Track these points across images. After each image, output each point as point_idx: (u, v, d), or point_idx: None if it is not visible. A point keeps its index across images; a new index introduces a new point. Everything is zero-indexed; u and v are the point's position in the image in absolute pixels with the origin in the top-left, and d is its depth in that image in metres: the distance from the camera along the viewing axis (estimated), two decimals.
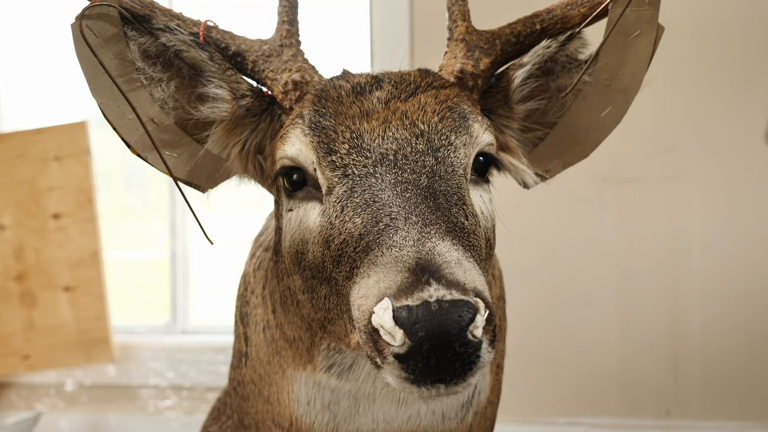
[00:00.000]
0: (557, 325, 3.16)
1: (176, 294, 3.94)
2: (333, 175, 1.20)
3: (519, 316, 2.19)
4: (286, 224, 1.31)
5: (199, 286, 4.04)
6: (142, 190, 4.30)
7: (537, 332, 3.15)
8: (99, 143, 3.91)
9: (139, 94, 1.37)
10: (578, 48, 1.44)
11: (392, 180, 1.15)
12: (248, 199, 3.82)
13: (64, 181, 3.80)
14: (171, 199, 3.92)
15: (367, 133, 1.21)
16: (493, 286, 1.51)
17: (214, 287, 4.08)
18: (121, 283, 4.16)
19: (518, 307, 2.11)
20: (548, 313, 3.15)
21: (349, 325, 1.18)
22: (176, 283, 3.95)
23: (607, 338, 3.12)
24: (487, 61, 1.43)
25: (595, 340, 3.13)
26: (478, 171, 1.30)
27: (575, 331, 3.15)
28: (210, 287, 4.08)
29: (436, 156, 1.19)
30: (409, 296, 0.96)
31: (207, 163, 1.45)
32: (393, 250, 1.04)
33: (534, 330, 3.14)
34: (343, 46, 3.73)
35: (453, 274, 0.99)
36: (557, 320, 3.15)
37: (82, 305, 3.77)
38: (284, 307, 1.40)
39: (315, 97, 1.32)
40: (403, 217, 1.08)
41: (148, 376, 3.73)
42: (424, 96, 1.28)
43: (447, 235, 1.07)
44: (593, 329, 3.14)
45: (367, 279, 1.04)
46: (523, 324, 2.98)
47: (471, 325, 0.94)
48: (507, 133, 1.47)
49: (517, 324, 2.10)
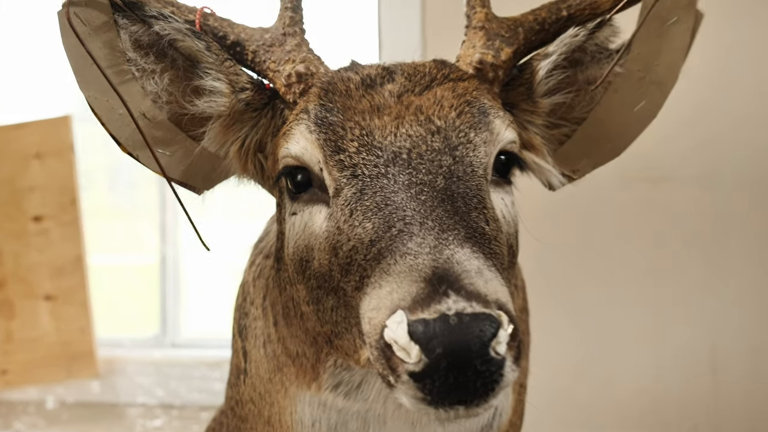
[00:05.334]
0: (583, 338, 3.15)
1: (166, 303, 3.95)
2: (341, 175, 1.20)
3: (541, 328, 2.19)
4: (290, 229, 1.31)
5: (192, 295, 4.05)
6: (129, 190, 4.32)
7: (561, 347, 3.14)
8: (82, 139, 3.93)
9: (131, 87, 1.37)
10: (609, 36, 1.44)
11: (406, 181, 1.14)
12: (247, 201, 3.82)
13: (46, 181, 3.82)
14: (161, 200, 3.93)
15: (378, 129, 1.21)
16: (516, 297, 1.51)
17: (209, 296, 4.09)
18: (106, 291, 4.18)
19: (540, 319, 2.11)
20: (573, 326, 3.15)
21: (358, 340, 1.18)
22: (166, 292, 3.96)
23: (639, 355, 3.11)
24: (508, 51, 1.43)
25: (626, 356, 3.12)
26: (500, 171, 1.29)
27: (604, 345, 3.14)
28: (204, 296, 4.09)
29: (454, 155, 1.19)
30: (425, 309, 0.96)
31: (203, 162, 1.45)
32: (407, 258, 1.03)
33: (557, 345, 3.13)
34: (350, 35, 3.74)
35: (473, 284, 0.99)
36: (584, 333, 3.15)
37: (64, 316, 3.78)
38: (287, 320, 1.40)
39: (321, 90, 1.32)
40: (418, 221, 1.08)
41: (135, 393, 3.74)
42: (440, 89, 1.28)
43: (466, 241, 1.06)
44: (624, 344, 3.13)
45: (378, 289, 1.04)
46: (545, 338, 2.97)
47: (493, 341, 0.94)
48: (531, 130, 1.46)
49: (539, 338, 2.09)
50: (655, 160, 3.08)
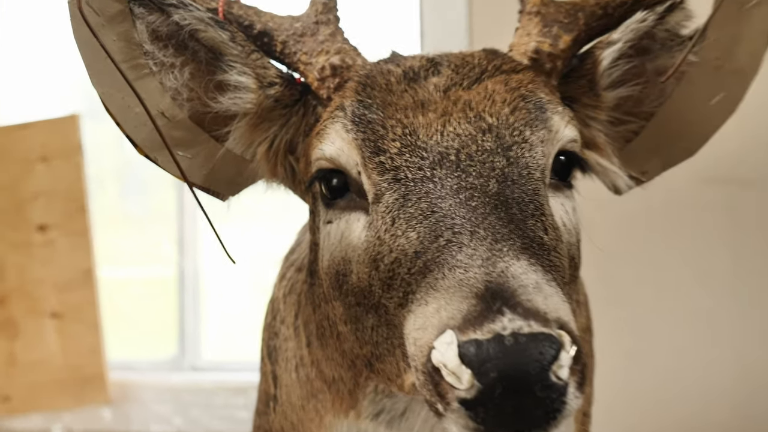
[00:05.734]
0: (652, 360, 3.12)
1: (185, 321, 3.99)
2: (381, 179, 1.20)
3: (605, 349, 2.17)
4: (324, 239, 1.31)
5: (214, 313, 4.07)
6: (143, 196, 4.35)
7: (627, 369, 3.12)
8: (92, 140, 3.97)
9: (148, 83, 1.38)
10: (681, 21, 1.43)
11: (454, 185, 1.14)
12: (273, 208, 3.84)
13: (52, 186, 3.86)
14: (179, 206, 3.96)
15: (423, 128, 1.22)
16: (579, 314, 1.50)
17: (232, 314, 4.11)
18: (119, 307, 4.21)
19: (605, 339, 2.09)
20: (642, 345, 3.12)
21: (402, 363, 1.18)
22: (185, 309, 3.99)
23: (718, 378, 3.08)
24: (567, 39, 1.42)
25: (704, 379, 3.09)
26: (559, 173, 1.29)
27: (677, 367, 3.11)
28: (226, 314, 4.11)
29: (508, 156, 1.19)
30: (477, 328, 0.95)
31: (227, 165, 1.46)
32: (456, 272, 1.03)
33: (623, 367, 3.11)
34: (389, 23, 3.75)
35: (531, 300, 0.98)
36: (653, 354, 3.12)
37: (72, 335, 3.82)
38: (321, 341, 1.40)
39: (358, 84, 1.32)
40: (469, 230, 1.08)
41: (150, 421, 3.77)
42: (491, 82, 1.28)
43: (522, 252, 1.06)
44: (699, 365, 3.10)
45: (425, 307, 1.04)
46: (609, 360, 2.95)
47: (554, 364, 0.93)
48: (594, 127, 1.46)
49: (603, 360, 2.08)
50: (734, 160, 3.05)
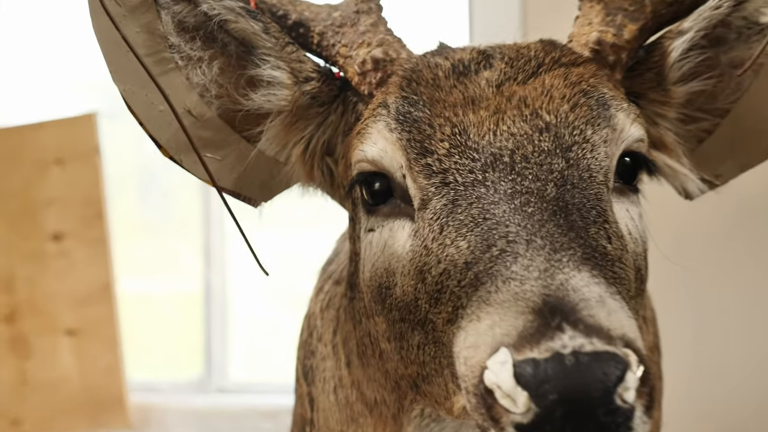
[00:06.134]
0: (728, 380, 3.10)
1: (211, 339, 4.00)
2: (428, 183, 1.21)
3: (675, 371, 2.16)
4: (366, 249, 1.33)
5: (242, 330, 4.07)
6: (167, 202, 4.35)
7: (702, 395, 3.10)
8: (110, 140, 3.98)
9: (173, 79, 1.40)
10: (760, 7, 1.42)
11: (508, 190, 1.15)
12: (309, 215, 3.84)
13: (67, 191, 3.88)
14: (204, 213, 3.97)
15: (474, 127, 1.22)
16: (645, 332, 1.50)
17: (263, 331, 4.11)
18: (139, 324, 4.23)
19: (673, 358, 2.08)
20: (715, 363, 3.10)
21: (451, 385, 1.18)
22: (211, 325, 4.00)
23: None
24: (633, 29, 1.42)
25: None
26: (624, 177, 1.29)
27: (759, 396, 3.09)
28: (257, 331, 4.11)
29: (567, 157, 1.20)
30: (534, 346, 0.96)
31: (260, 167, 1.48)
32: (511, 285, 1.04)
33: (697, 388, 3.09)
34: (436, 12, 3.75)
35: (593, 316, 0.98)
36: (731, 378, 3.10)
37: (89, 354, 3.85)
38: (363, 360, 1.41)
39: (403, 79, 1.33)
40: (525, 239, 1.08)
41: None
42: (549, 76, 1.28)
43: (584, 263, 1.07)
44: None
45: (476, 323, 1.05)
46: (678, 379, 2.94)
47: (620, 386, 0.94)
48: (662, 125, 1.46)
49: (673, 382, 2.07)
50: None
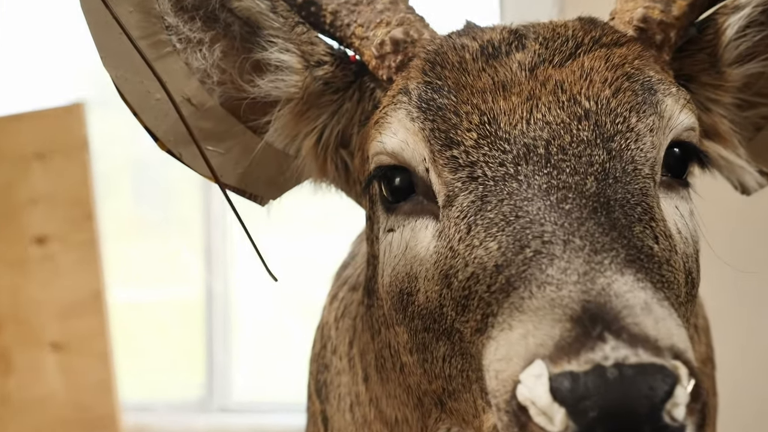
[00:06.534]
0: None
1: (213, 354, 4.01)
2: (455, 177, 1.22)
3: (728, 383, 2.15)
4: (385, 251, 1.33)
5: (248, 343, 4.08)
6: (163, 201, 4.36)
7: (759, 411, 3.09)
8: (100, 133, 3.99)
9: (171, 64, 1.41)
10: None
11: (543, 184, 1.15)
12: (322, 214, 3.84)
13: (52, 189, 3.89)
14: (205, 213, 3.98)
15: (505, 115, 1.22)
16: (697, 342, 1.49)
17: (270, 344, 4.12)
18: (133, 337, 4.24)
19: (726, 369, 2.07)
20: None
21: (480, 401, 1.18)
22: (213, 338, 4.01)
23: None
24: (683, 4, 1.42)
25: None
26: (673, 169, 1.29)
27: None
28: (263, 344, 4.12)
29: (609, 148, 1.19)
30: (573, 358, 0.96)
31: (267, 162, 1.49)
32: (547, 290, 1.04)
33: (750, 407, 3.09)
34: None
35: (639, 324, 0.98)
36: None
37: (77, 370, 3.86)
38: (382, 374, 1.41)
39: (426, 63, 1.33)
40: (562, 239, 1.08)
41: None
42: (588, 58, 1.28)
43: (628, 266, 1.06)
44: None
45: (508, 332, 1.05)
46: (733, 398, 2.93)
47: (668, 402, 0.93)
48: (715, 112, 1.46)
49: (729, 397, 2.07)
50: None
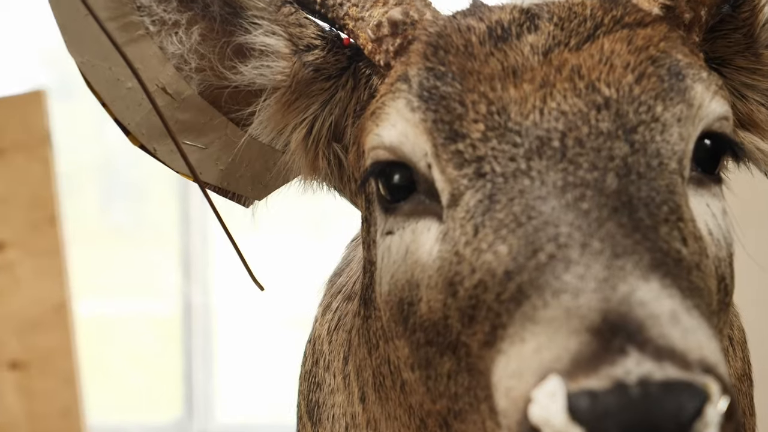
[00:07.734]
0: None
1: (192, 373, 4.01)
2: (460, 174, 1.22)
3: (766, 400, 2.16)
4: (383, 256, 1.33)
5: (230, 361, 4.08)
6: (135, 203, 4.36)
7: None
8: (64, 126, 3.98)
9: (144, 49, 1.42)
10: None
11: (559, 181, 1.16)
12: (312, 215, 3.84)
13: (10, 190, 3.89)
14: (182, 217, 3.97)
15: (516, 104, 1.23)
16: (732, 356, 1.50)
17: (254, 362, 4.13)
18: (103, 355, 4.24)
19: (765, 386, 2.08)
20: None
21: (489, 423, 1.17)
22: (192, 355, 4.01)
23: None
24: None
25: None
26: (704, 164, 1.29)
27: None
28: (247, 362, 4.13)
29: (632, 140, 1.20)
30: (592, 374, 0.96)
31: (252, 158, 1.50)
32: (563, 298, 1.04)
33: None
34: None
35: (665, 336, 0.98)
36: None
37: (39, 392, 3.87)
38: (380, 393, 1.42)
39: (428, 46, 1.33)
40: (579, 242, 1.09)
41: None
42: (608, 40, 1.29)
43: (653, 271, 1.07)
44: None
45: (520, 345, 1.05)
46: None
47: (698, 422, 0.94)
48: (752, 99, 1.46)
49: None
50: None
